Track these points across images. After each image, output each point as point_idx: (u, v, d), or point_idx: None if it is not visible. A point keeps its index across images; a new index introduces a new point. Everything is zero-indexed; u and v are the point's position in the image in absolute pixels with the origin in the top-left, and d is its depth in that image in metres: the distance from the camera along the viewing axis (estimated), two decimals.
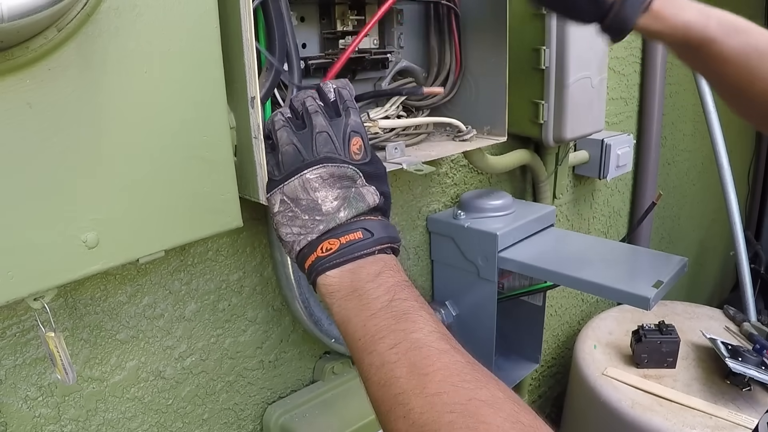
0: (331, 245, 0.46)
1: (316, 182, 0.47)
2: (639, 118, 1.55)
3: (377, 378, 0.39)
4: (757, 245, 2.38)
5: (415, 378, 0.37)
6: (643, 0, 0.58)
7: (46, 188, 0.43)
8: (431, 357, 0.38)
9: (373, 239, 0.47)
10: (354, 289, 0.44)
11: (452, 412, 0.34)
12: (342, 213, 0.47)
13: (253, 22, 0.51)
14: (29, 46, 0.40)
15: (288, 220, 0.48)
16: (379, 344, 0.40)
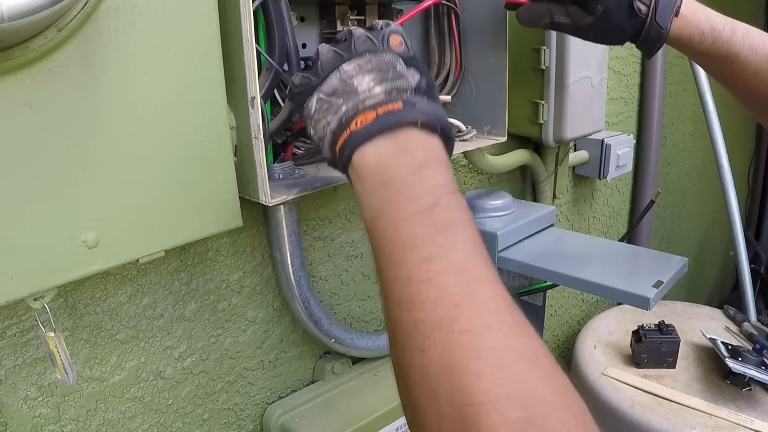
0: (367, 118, 0.40)
1: (353, 71, 0.44)
2: (639, 118, 1.55)
3: (399, 295, 0.33)
4: (757, 245, 2.38)
5: (444, 307, 0.30)
6: (673, 3, 0.58)
7: (46, 188, 0.43)
8: (469, 285, 0.31)
9: (417, 110, 0.40)
10: (392, 179, 0.37)
11: (481, 359, 0.28)
12: (378, 88, 0.42)
13: (253, 22, 0.51)
14: (29, 46, 0.40)
15: (323, 114, 0.44)
16: (410, 255, 0.33)
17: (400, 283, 0.33)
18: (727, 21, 0.60)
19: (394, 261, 0.34)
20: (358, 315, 0.86)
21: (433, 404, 0.28)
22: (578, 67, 0.94)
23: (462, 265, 0.32)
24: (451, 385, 0.28)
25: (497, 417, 0.26)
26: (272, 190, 0.57)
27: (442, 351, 0.29)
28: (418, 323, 0.31)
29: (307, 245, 0.76)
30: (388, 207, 0.36)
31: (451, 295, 0.31)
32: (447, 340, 0.29)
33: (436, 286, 0.31)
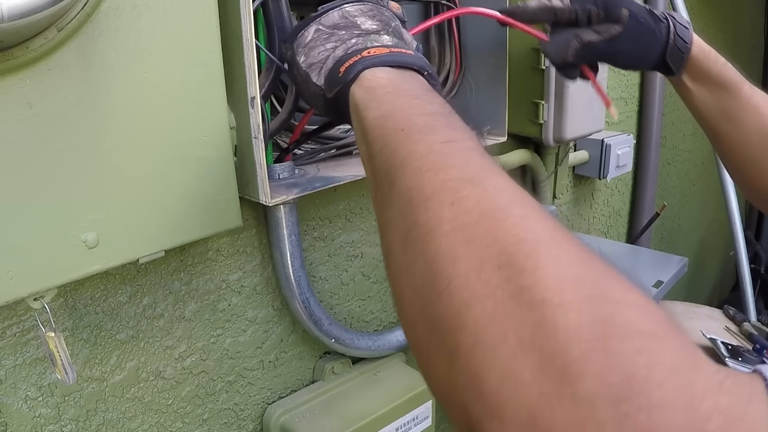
0: (379, 51, 0.41)
1: (355, 12, 0.46)
2: (639, 118, 1.55)
3: (419, 164, 0.31)
4: (757, 245, 2.38)
5: (474, 168, 0.29)
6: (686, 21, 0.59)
7: (46, 188, 0.43)
8: (494, 166, 0.30)
9: (423, 61, 0.41)
10: (406, 91, 0.38)
11: (525, 207, 0.27)
12: (385, 36, 0.44)
13: (253, 22, 0.51)
14: (29, 46, 0.40)
15: (322, 42, 0.45)
16: (428, 136, 0.32)
17: (419, 155, 0.31)
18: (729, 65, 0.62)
19: (412, 139, 0.33)
20: (358, 315, 0.86)
21: (471, 251, 0.26)
22: None
23: (483, 152, 0.32)
24: (493, 228, 0.26)
25: (556, 251, 0.25)
26: (272, 190, 0.57)
27: (477, 200, 0.28)
28: (446, 181, 0.29)
29: (307, 245, 0.76)
30: (402, 106, 0.36)
31: (478, 164, 0.30)
32: (482, 191, 0.28)
33: (460, 157, 0.31)
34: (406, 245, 0.29)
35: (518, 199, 0.28)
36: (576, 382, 0.21)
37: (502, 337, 0.23)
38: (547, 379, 0.21)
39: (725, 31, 1.97)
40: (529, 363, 0.22)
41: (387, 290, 0.90)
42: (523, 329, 0.22)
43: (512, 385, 0.22)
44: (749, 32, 2.23)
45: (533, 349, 0.22)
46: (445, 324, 0.25)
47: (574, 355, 0.21)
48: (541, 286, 0.23)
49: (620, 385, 0.20)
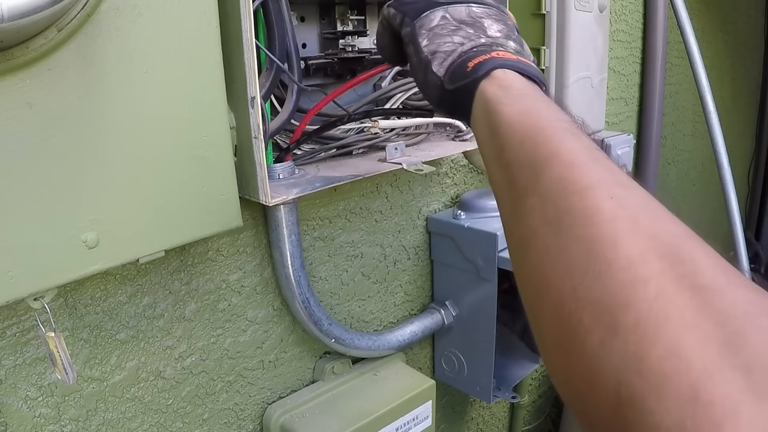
0: (507, 55, 0.42)
1: (481, 14, 0.47)
2: (639, 118, 1.55)
3: (570, 159, 0.32)
4: (757, 245, 2.38)
5: (622, 176, 0.32)
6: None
7: (46, 188, 0.43)
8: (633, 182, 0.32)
9: (543, 78, 0.42)
10: (540, 96, 0.39)
11: (670, 213, 0.30)
12: (511, 43, 0.45)
13: (253, 22, 0.51)
14: (29, 46, 0.40)
15: (449, 32, 0.45)
16: (573, 137, 0.34)
17: (569, 150, 0.33)
18: None
19: (557, 137, 0.34)
20: (358, 315, 0.86)
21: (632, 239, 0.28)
22: (578, 67, 0.94)
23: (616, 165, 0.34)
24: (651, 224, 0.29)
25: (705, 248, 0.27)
26: (272, 190, 0.57)
27: (633, 200, 0.30)
28: (600, 179, 0.31)
29: (307, 245, 0.76)
30: (540, 108, 0.37)
31: (623, 173, 0.32)
32: (635, 194, 0.30)
33: (608, 163, 0.33)
34: (559, 230, 0.30)
35: (662, 206, 0.30)
36: (736, 355, 0.22)
37: (665, 316, 0.24)
38: (709, 354, 0.22)
39: (725, 31, 1.97)
40: (693, 340, 0.23)
41: (387, 290, 0.90)
42: (687, 310, 0.24)
43: (675, 361, 0.23)
44: (749, 32, 2.23)
45: (696, 327, 0.23)
46: (603, 303, 0.26)
47: (733, 331, 0.23)
48: (700, 275, 0.25)
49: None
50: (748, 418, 0.20)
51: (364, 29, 0.72)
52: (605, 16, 1.00)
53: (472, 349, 0.92)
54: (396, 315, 0.93)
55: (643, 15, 1.46)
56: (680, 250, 0.26)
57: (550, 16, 0.90)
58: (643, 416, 0.23)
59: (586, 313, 0.27)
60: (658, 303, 0.25)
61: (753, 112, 2.46)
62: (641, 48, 1.48)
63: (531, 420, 1.38)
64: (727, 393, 0.21)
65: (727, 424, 0.20)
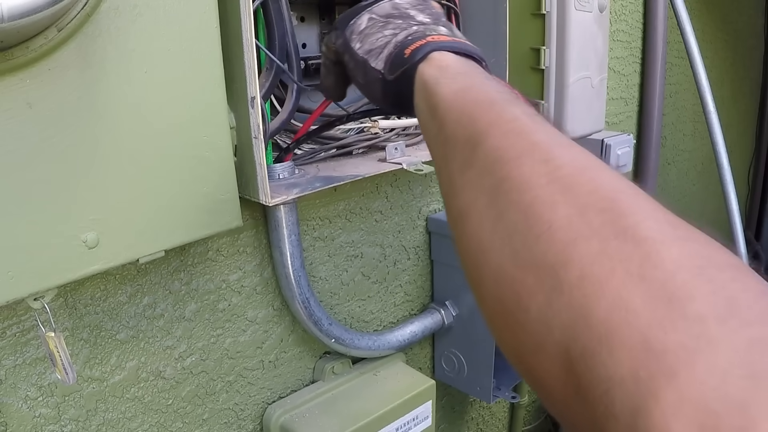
0: (440, 38, 0.42)
1: (406, 5, 0.48)
2: (639, 118, 1.55)
3: (506, 128, 0.32)
4: (757, 245, 2.38)
5: (560, 137, 0.32)
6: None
7: (46, 188, 0.43)
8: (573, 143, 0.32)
9: (480, 52, 0.43)
10: (477, 72, 0.39)
11: (613, 170, 0.29)
12: (442, 28, 0.45)
13: (253, 22, 0.51)
14: (29, 46, 0.40)
15: (378, 29, 0.46)
16: (511, 107, 0.34)
17: (506, 120, 0.33)
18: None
19: (495, 109, 0.34)
20: (358, 315, 0.86)
21: (571, 198, 0.28)
22: (578, 67, 0.94)
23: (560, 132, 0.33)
24: (591, 180, 0.28)
25: (650, 203, 0.27)
26: (272, 190, 0.57)
27: (571, 159, 0.29)
28: (535, 143, 0.31)
29: (307, 245, 0.76)
30: (477, 84, 0.38)
31: (562, 139, 0.32)
32: (573, 153, 0.30)
33: (544, 130, 0.32)
34: (497, 198, 0.30)
35: (604, 163, 0.30)
36: (686, 305, 0.22)
37: (610, 269, 0.24)
38: (658, 304, 0.22)
39: (725, 31, 1.97)
40: (639, 291, 0.23)
41: (387, 290, 0.90)
42: (631, 262, 0.24)
43: (623, 313, 0.22)
44: (749, 32, 2.23)
45: (642, 279, 0.23)
46: (545, 263, 0.26)
47: (681, 282, 0.22)
48: (643, 227, 0.25)
49: (724, 306, 0.21)
50: (704, 364, 0.20)
51: None
52: (605, 16, 1.00)
53: (472, 349, 0.92)
54: (396, 315, 0.93)
55: (643, 15, 1.46)
56: (622, 204, 0.26)
57: (550, 16, 0.90)
58: (595, 370, 0.22)
59: (528, 275, 0.27)
60: (601, 257, 0.24)
61: (753, 112, 2.46)
62: (641, 48, 1.48)
63: (531, 420, 1.38)
64: (680, 341, 0.21)
65: (682, 372, 0.20)
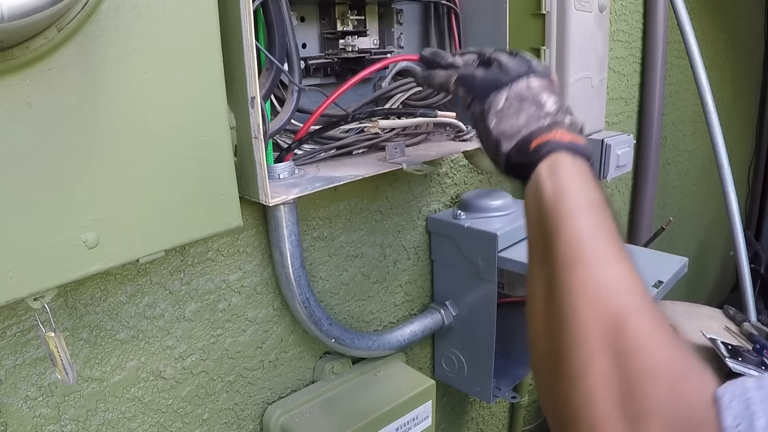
0: (563, 137, 0.51)
1: (538, 88, 0.55)
2: (639, 118, 1.55)
3: (576, 238, 0.44)
4: (757, 245, 2.38)
5: (608, 253, 0.43)
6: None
7: (46, 188, 0.43)
8: (623, 251, 0.44)
9: (591, 151, 0.52)
10: (579, 176, 0.48)
11: (631, 287, 0.42)
12: (566, 118, 0.54)
13: (253, 22, 0.51)
14: (29, 46, 0.40)
15: (513, 114, 0.54)
16: (590, 218, 0.45)
17: (578, 231, 0.44)
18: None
19: (577, 218, 0.45)
20: (358, 315, 0.86)
21: (589, 310, 0.40)
22: (578, 67, 0.94)
23: (620, 240, 0.45)
24: (609, 299, 0.40)
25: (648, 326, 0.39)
26: (272, 190, 0.57)
27: (603, 277, 0.42)
28: (589, 256, 0.43)
29: (307, 245, 0.76)
30: (575, 190, 0.47)
31: (618, 252, 0.44)
32: (612, 273, 0.42)
33: (607, 242, 0.44)
34: (551, 295, 0.43)
35: (628, 278, 0.42)
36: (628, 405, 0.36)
37: (588, 371, 0.38)
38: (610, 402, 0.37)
39: (725, 31, 1.97)
40: (603, 392, 0.37)
41: (387, 290, 0.90)
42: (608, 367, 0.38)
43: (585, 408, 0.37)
44: (749, 32, 2.23)
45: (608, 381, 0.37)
46: (556, 357, 0.41)
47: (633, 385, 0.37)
48: (629, 343, 0.38)
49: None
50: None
51: (364, 29, 0.72)
52: (605, 16, 1.00)
53: (472, 349, 0.92)
54: (396, 315, 0.93)
55: (643, 15, 1.46)
56: (624, 326, 0.38)
57: (550, 16, 0.90)
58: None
59: (543, 365, 0.43)
60: (588, 364, 0.38)
61: (753, 112, 2.46)
62: (641, 48, 1.48)
63: (531, 420, 1.38)
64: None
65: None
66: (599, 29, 0.98)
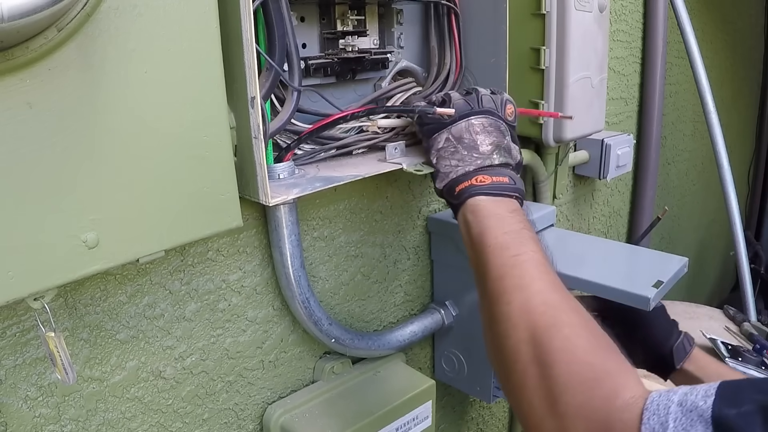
0: (484, 180, 0.59)
1: (478, 127, 0.61)
2: (639, 118, 1.55)
3: (496, 273, 0.52)
4: (757, 245, 2.38)
5: (526, 278, 0.51)
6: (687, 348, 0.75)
7: (46, 188, 0.43)
8: (538, 271, 0.52)
9: (514, 187, 0.60)
10: (496, 214, 0.57)
11: (546, 305, 0.48)
12: (496, 157, 0.61)
13: (253, 22, 0.51)
14: (29, 46, 0.40)
15: (449, 155, 0.62)
16: (505, 251, 0.53)
17: (497, 266, 0.53)
18: None
19: (496, 255, 0.53)
20: (358, 315, 0.86)
21: (516, 334, 0.48)
22: (578, 67, 0.94)
23: (536, 260, 0.52)
24: (527, 320, 0.48)
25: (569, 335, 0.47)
26: (272, 190, 0.57)
27: (521, 301, 0.50)
28: (507, 287, 0.51)
29: (307, 245, 0.76)
30: (492, 227, 0.56)
31: (528, 273, 0.51)
32: (525, 294, 0.50)
33: (521, 267, 0.52)
34: (490, 324, 0.52)
35: (544, 295, 0.50)
36: (555, 405, 0.45)
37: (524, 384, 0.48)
38: (542, 406, 0.46)
39: (725, 31, 1.97)
40: (537, 399, 0.46)
41: (387, 290, 0.90)
42: (538, 378, 0.47)
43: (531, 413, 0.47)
44: (749, 32, 2.23)
45: (539, 389, 0.46)
46: (498, 362, 0.52)
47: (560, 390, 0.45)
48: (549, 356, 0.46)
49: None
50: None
51: (364, 29, 0.72)
52: (605, 16, 1.00)
53: (472, 349, 0.92)
54: (396, 315, 0.93)
55: (643, 15, 1.46)
56: (541, 341, 0.47)
57: (550, 16, 0.90)
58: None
59: (500, 381, 0.52)
60: (524, 377, 0.47)
61: (753, 112, 2.46)
62: (641, 48, 1.48)
63: None
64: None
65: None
66: (599, 29, 0.98)
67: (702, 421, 0.35)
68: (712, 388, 0.38)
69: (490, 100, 0.64)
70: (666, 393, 0.40)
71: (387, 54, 0.74)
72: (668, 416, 0.37)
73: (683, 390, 0.39)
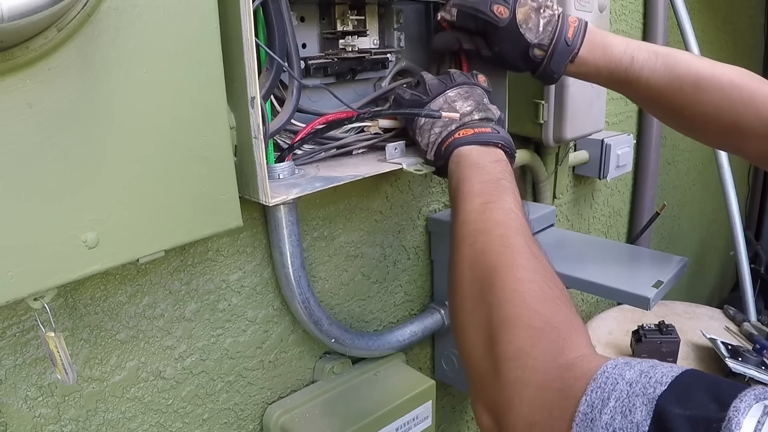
0: (466, 132, 0.61)
1: (455, 97, 0.64)
2: (639, 118, 1.55)
3: (463, 218, 0.53)
4: (757, 245, 2.38)
5: (490, 222, 0.51)
6: (569, 54, 0.65)
7: (46, 188, 0.43)
8: (505, 217, 0.51)
9: (498, 136, 0.61)
10: (476, 164, 0.58)
11: (505, 246, 0.48)
12: (476, 114, 0.63)
13: (253, 22, 0.51)
14: (29, 46, 0.40)
15: (431, 126, 0.64)
16: (477, 198, 0.53)
17: (466, 211, 0.53)
18: (627, 49, 0.65)
19: (467, 201, 0.54)
20: (358, 315, 0.86)
21: (471, 274, 0.49)
22: None
23: (506, 208, 0.52)
24: (484, 260, 0.48)
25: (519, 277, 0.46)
26: (272, 190, 0.57)
27: (483, 242, 0.50)
28: (471, 230, 0.51)
29: (307, 245, 0.76)
30: (471, 176, 0.56)
31: (494, 221, 0.51)
32: (486, 238, 0.50)
33: (486, 217, 0.52)
34: (451, 269, 0.52)
35: (506, 242, 0.49)
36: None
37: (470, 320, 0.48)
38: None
39: (725, 31, 1.97)
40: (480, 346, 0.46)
41: (387, 290, 0.90)
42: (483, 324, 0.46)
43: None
44: (749, 32, 2.23)
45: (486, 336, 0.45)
46: (451, 305, 0.52)
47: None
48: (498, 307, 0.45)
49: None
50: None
51: (363, 29, 0.72)
52: (605, 16, 1.00)
53: None
54: (396, 315, 0.93)
55: (643, 15, 1.46)
56: (493, 281, 0.47)
57: None
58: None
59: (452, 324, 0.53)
60: (470, 315, 0.48)
61: None
62: None
63: None
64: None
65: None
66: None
67: (646, 404, 0.32)
68: (667, 376, 0.34)
69: (462, 75, 0.66)
70: (622, 366, 0.36)
71: (387, 54, 0.74)
72: (612, 393, 0.34)
73: (640, 368, 0.35)
